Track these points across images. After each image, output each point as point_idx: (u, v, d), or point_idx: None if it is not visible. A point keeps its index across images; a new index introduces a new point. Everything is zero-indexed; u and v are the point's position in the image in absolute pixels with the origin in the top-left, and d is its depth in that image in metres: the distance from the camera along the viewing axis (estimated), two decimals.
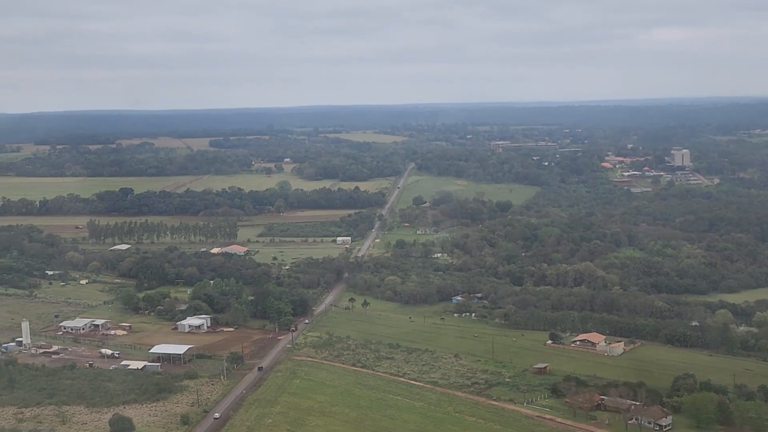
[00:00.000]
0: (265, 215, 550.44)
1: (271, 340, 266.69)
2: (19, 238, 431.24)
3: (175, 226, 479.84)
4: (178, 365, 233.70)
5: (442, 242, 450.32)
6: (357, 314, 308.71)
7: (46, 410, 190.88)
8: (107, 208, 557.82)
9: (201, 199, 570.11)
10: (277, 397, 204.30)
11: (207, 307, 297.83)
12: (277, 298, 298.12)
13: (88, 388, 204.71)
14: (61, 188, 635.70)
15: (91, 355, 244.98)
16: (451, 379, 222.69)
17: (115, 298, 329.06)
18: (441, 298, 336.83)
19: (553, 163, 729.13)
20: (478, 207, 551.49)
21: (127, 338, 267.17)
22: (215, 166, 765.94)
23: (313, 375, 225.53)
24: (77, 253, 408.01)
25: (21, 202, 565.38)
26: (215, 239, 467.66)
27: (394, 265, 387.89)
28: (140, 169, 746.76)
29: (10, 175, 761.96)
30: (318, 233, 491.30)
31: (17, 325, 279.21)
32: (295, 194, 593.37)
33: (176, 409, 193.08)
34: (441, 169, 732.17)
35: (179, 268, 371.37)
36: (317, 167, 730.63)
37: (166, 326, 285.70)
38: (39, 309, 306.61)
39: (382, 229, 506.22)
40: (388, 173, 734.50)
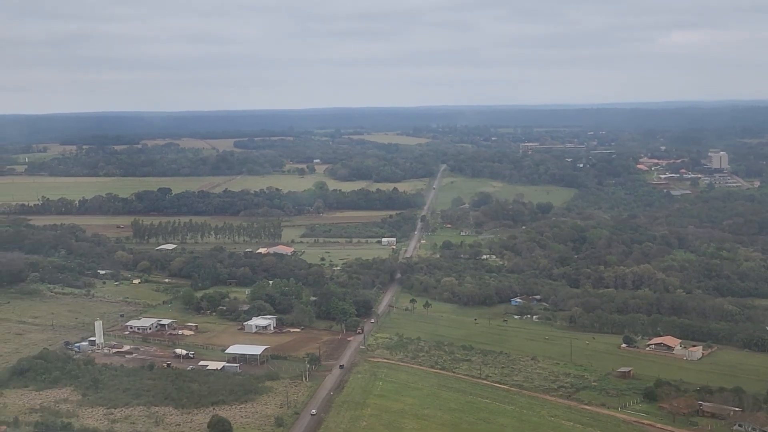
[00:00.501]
0: (305, 216, 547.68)
1: (341, 341, 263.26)
2: (66, 237, 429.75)
3: (219, 226, 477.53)
4: (254, 366, 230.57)
5: (488, 243, 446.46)
6: (419, 316, 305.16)
7: (135, 411, 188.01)
8: (146, 208, 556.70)
9: (240, 199, 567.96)
10: (364, 399, 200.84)
11: (270, 308, 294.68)
12: (340, 299, 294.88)
13: (173, 389, 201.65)
14: (96, 188, 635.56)
15: (164, 355, 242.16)
16: (535, 382, 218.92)
17: (173, 297, 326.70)
18: (499, 299, 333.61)
19: (588, 165, 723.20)
20: (519, 208, 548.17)
21: (196, 338, 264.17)
22: (247, 166, 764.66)
23: (394, 377, 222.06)
24: (126, 253, 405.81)
25: (60, 202, 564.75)
26: (259, 239, 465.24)
27: (446, 267, 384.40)
28: (173, 169, 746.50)
29: (43, 174, 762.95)
30: (361, 234, 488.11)
31: (82, 324, 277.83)
32: (333, 195, 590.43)
33: (266, 411, 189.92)
34: (475, 171, 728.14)
35: (231, 268, 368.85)
36: (351, 168, 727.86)
37: (231, 326, 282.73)
38: (99, 308, 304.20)
39: (424, 231, 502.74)
40: (422, 174, 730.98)
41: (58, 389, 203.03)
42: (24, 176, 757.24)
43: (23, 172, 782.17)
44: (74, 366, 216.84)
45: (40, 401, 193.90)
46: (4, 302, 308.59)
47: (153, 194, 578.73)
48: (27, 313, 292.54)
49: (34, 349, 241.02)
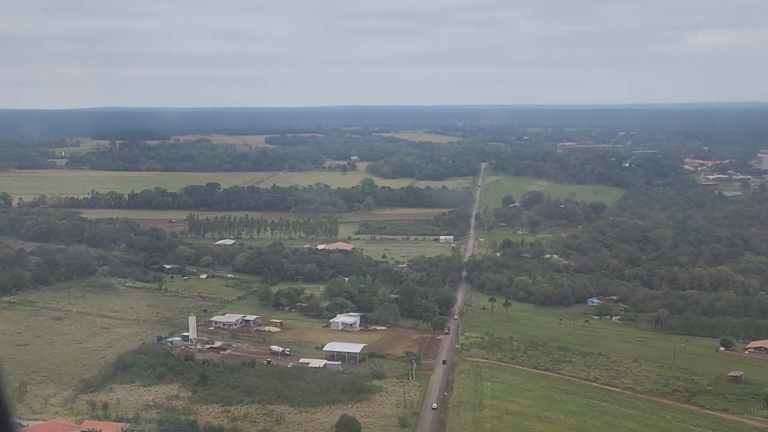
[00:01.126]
0: (356, 213, 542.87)
1: (432, 339, 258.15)
2: (125, 231, 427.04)
3: (275, 221, 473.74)
4: (354, 364, 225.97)
5: (549, 243, 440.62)
6: (499, 315, 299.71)
7: (251, 408, 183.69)
8: (196, 203, 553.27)
9: (290, 195, 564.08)
10: (479, 399, 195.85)
11: (351, 305, 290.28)
12: (423, 297, 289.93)
13: (282, 387, 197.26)
14: (139, 182, 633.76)
15: (258, 352, 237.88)
16: (646, 385, 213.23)
17: (247, 293, 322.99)
18: (575, 300, 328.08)
19: (633, 165, 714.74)
20: (572, 208, 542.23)
21: (284, 335, 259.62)
22: (288, 162, 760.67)
23: (499, 377, 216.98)
24: (187, 247, 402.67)
25: (110, 195, 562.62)
26: (316, 236, 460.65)
27: (513, 266, 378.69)
28: (214, 165, 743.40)
29: (84, 168, 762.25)
30: (416, 231, 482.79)
31: (165, 319, 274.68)
32: (382, 192, 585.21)
33: (383, 411, 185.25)
34: (518, 170, 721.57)
35: (297, 265, 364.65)
36: (393, 166, 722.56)
37: (315, 323, 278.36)
38: (176, 303, 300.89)
39: (479, 229, 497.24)
40: (464, 172, 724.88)
41: (164, 385, 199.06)
42: (65, 170, 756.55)
43: (64, 165, 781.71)
44: (176, 362, 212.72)
45: (150, 397, 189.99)
46: (80, 296, 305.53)
47: (202, 189, 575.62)
48: (105, 307, 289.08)
49: (126, 343, 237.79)
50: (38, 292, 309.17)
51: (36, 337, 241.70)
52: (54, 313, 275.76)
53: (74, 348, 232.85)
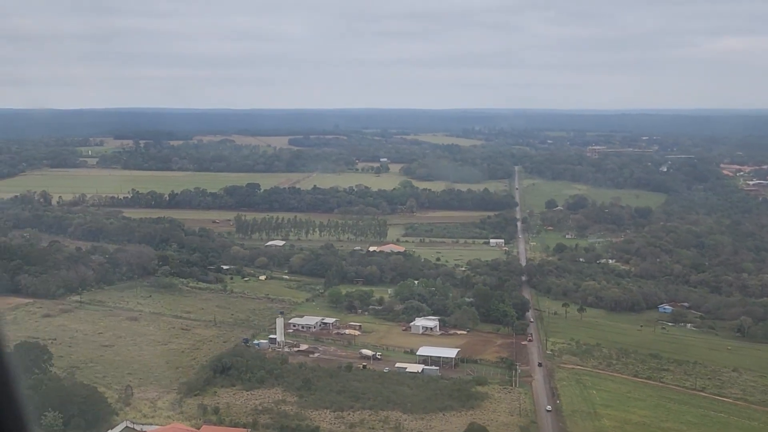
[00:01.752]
0: (399, 215, 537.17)
1: (517, 345, 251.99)
2: (175, 231, 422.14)
3: (323, 223, 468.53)
4: (448, 369, 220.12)
5: (604, 247, 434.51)
6: (573, 321, 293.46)
7: (363, 415, 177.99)
8: (237, 203, 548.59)
9: (332, 196, 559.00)
10: (593, 409, 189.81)
11: (427, 308, 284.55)
12: (500, 301, 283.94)
13: (388, 392, 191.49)
14: (174, 182, 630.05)
15: (347, 355, 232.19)
16: (756, 395, 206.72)
17: (314, 295, 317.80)
18: (646, 306, 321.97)
19: (671, 170, 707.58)
20: (618, 212, 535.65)
21: (366, 339, 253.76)
22: (321, 164, 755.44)
23: (601, 385, 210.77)
24: (240, 248, 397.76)
25: (150, 195, 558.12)
26: (365, 238, 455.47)
27: (575, 270, 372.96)
28: (247, 165, 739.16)
29: (116, 167, 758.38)
30: (464, 234, 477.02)
31: (240, 320, 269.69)
32: (424, 194, 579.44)
33: (499, 418, 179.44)
34: (554, 173, 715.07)
35: (357, 267, 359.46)
36: (428, 168, 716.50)
37: (392, 327, 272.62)
38: (245, 304, 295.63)
39: (526, 232, 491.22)
40: (500, 175, 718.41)
41: (266, 389, 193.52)
42: (97, 169, 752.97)
43: (95, 164, 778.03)
44: (273, 365, 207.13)
45: (256, 401, 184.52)
46: (146, 296, 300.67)
47: (242, 189, 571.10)
48: (175, 307, 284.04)
49: (211, 346, 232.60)
50: (103, 291, 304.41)
51: (118, 337, 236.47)
52: (127, 313, 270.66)
53: (160, 349, 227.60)
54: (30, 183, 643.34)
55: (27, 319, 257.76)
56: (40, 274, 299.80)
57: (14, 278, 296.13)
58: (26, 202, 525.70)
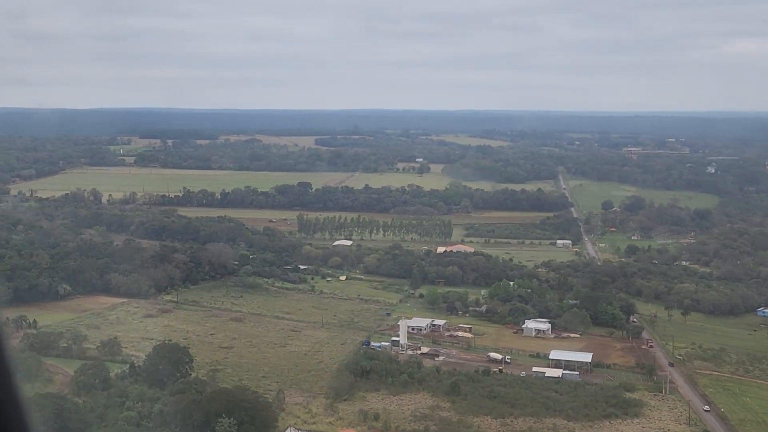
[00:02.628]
0: (455, 215, 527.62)
1: (639, 349, 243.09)
2: (242, 231, 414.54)
3: (387, 222, 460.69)
4: (584, 374, 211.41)
5: (677, 249, 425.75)
6: (677, 324, 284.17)
7: (528, 422, 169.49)
8: (290, 202, 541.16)
9: (386, 196, 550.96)
10: (758, 418, 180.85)
11: (532, 310, 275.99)
12: (607, 303, 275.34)
13: (542, 398, 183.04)
14: (218, 181, 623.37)
15: (473, 358, 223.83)
16: None
17: (406, 296, 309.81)
18: (745, 309, 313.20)
19: (719, 171, 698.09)
20: (678, 213, 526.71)
21: (481, 341, 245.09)
22: (362, 163, 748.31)
23: (751, 392, 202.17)
24: (312, 248, 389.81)
25: (201, 193, 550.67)
26: (430, 238, 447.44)
27: (658, 272, 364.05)
28: (288, 164, 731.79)
29: (154, 165, 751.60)
30: (528, 235, 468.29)
31: (346, 322, 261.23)
32: (477, 194, 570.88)
33: (669, 427, 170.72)
34: (600, 174, 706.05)
35: (437, 267, 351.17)
36: (472, 168, 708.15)
37: (500, 329, 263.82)
38: (341, 305, 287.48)
39: (589, 233, 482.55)
40: (544, 176, 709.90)
41: (412, 394, 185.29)
42: (136, 167, 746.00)
43: (132, 163, 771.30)
44: (411, 369, 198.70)
45: (410, 407, 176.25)
46: (237, 296, 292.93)
47: (294, 188, 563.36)
48: (272, 308, 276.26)
49: (332, 348, 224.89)
50: (190, 291, 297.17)
51: (232, 339, 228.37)
52: (228, 313, 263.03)
53: (281, 352, 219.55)
54: (72, 181, 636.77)
55: (130, 319, 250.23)
56: (129, 272, 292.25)
57: (103, 277, 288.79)
58: (78, 201, 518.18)
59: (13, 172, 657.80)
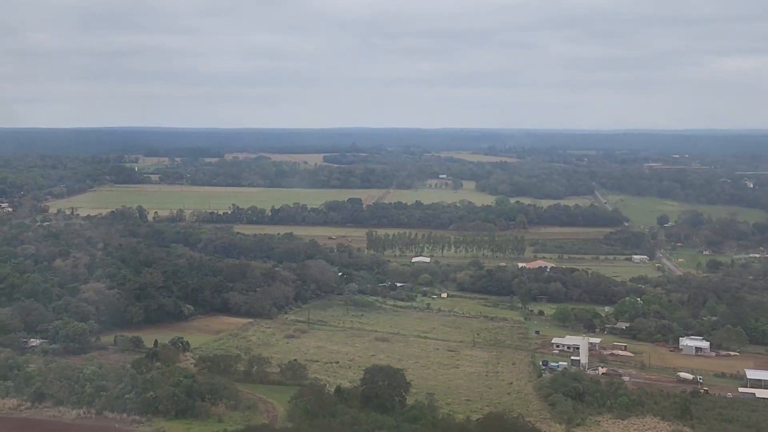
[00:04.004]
0: (513, 230, 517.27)
1: None
2: (316, 248, 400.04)
3: (459, 239, 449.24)
4: None
5: (764, 265, 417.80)
6: None
7: None
8: (344, 219, 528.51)
9: (442, 212, 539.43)
10: None
11: (678, 328, 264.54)
12: (754, 319, 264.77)
13: None
14: (252, 197, 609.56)
15: (658, 378, 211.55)
16: None
17: (529, 314, 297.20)
18: None
19: (756, 186, 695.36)
20: (740, 228, 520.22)
21: (644, 359, 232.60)
22: (396, 180, 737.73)
23: None
24: (400, 265, 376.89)
25: (251, 210, 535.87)
26: (503, 254, 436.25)
27: (762, 288, 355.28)
28: (321, 181, 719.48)
29: (182, 183, 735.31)
30: (596, 250, 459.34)
31: (493, 341, 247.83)
32: (531, 210, 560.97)
33: None
34: (638, 189, 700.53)
35: (539, 283, 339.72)
36: (508, 184, 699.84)
37: (652, 347, 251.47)
38: (469, 323, 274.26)
39: (657, 248, 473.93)
40: (582, 191, 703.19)
41: (638, 417, 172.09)
42: (163, 184, 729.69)
43: (158, 181, 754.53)
44: (622, 390, 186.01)
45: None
46: (358, 314, 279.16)
47: (344, 204, 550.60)
48: (400, 326, 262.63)
49: (509, 369, 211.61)
50: (303, 310, 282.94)
51: (398, 360, 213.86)
52: (368, 333, 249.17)
53: (459, 373, 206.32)
54: (106, 198, 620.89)
55: (274, 340, 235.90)
56: (247, 291, 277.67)
57: (219, 296, 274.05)
58: (126, 218, 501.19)
59: (43, 190, 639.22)
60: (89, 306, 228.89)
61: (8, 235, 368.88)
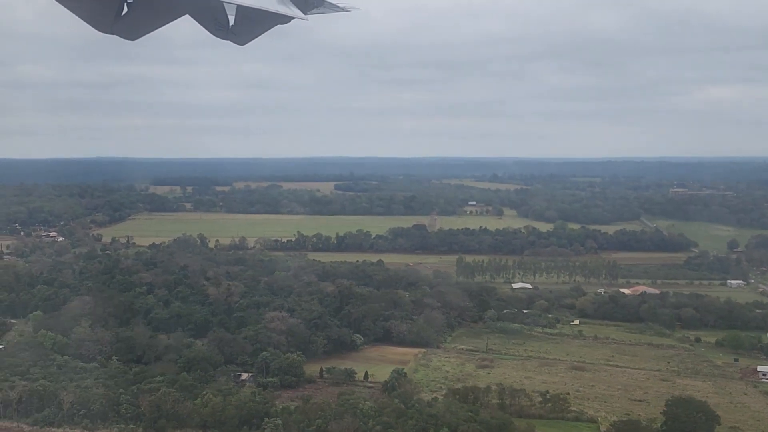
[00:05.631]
0: (587, 256, 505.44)
1: None
2: (416, 274, 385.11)
3: (548, 265, 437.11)
4: None
5: None
6: None
7: None
8: (413, 246, 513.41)
9: (513, 237, 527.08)
10: None
11: None
12: None
13: None
14: (295, 225, 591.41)
15: None
16: None
17: (678, 339, 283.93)
18: None
19: None
20: None
21: None
22: (438, 207, 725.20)
23: None
24: (511, 290, 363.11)
25: (316, 238, 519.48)
26: (597, 279, 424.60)
27: None
28: (364, 208, 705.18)
29: (218, 211, 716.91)
30: (686, 276, 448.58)
31: (688, 370, 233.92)
32: (600, 235, 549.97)
33: None
34: (686, 215, 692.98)
35: (671, 309, 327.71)
36: (554, 210, 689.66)
37: None
38: (644, 352, 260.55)
39: (746, 273, 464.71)
40: (627, 217, 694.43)
41: None
42: (198, 212, 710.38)
43: (191, 208, 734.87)
44: None
45: None
46: (519, 342, 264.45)
47: (410, 231, 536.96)
48: (577, 354, 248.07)
49: (749, 399, 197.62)
50: (452, 338, 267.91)
51: (620, 390, 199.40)
52: (556, 363, 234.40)
53: None
54: (151, 227, 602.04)
55: (469, 370, 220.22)
56: (405, 319, 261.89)
57: (380, 325, 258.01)
58: (190, 246, 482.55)
59: (80, 219, 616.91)
60: (279, 336, 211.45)
61: (103, 265, 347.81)
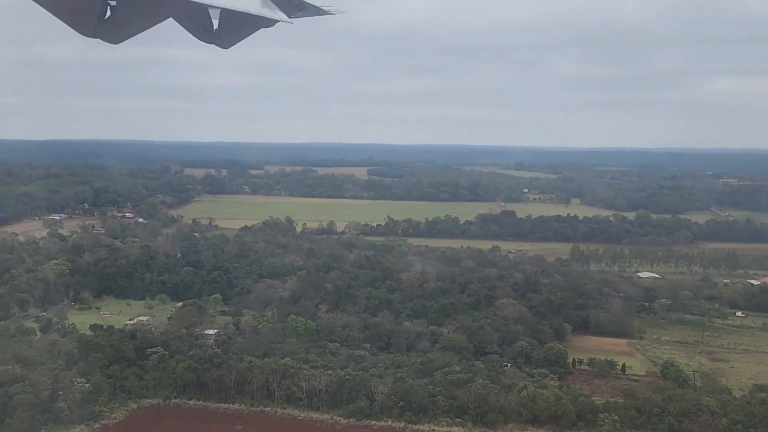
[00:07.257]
0: (683, 245, 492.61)
1: None
2: (549, 264, 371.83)
3: (665, 254, 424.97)
4: None
5: None
6: None
7: None
8: (504, 232, 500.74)
9: (608, 225, 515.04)
10: None
11: None
12: None
13: None
14: (377, 210, 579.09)
15: None
16: None
17: None
18: None
19: None
20: None
21: None
22: (501, 194, 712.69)
23: None
24: (643, 281, 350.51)
25: (406, 223, 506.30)
26: (717, 270, 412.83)
27: None
28: (429, 194, 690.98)
29: (276, 194, 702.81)
30: None
31: None
32: (693, 225, 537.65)
33: None
34: (757, 205, 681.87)
35: None
36: (625, 199, 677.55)
37: None
38: None
39: None
40: (699, 207, 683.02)
41: None
42: (258, 195, 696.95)
43: (250, 191, 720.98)
44: None
45: None
46: (712, 334, 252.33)
47: (500, 218, 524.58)
48: None
49: None
50: (642, 327, 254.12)
51: None
52: None
53: None
54: (219, 209, 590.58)
55: (708, 365, 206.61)
56: (595, 308, 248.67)
57: (578, 313, 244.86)
58: (278, 229, 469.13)
59: (146, 200, 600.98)
60: (514, 325, 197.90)
61: (236, 249, 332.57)
